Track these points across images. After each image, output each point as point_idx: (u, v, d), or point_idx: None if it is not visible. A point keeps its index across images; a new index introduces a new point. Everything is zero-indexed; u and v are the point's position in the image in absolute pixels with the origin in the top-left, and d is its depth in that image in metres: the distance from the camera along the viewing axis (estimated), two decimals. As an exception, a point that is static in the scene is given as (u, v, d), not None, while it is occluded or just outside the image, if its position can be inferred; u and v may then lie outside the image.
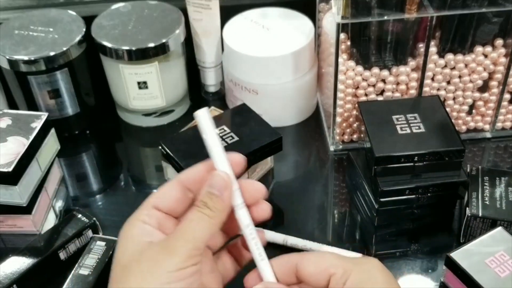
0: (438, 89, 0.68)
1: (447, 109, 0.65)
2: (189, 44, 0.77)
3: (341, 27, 0.62)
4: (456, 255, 0.51)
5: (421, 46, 0.64)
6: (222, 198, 0.39)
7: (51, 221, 0.64)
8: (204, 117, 0.40)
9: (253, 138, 0.62)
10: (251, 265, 0.43)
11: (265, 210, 0.42)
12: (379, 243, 0.60)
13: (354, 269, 0.39)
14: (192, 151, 0.59)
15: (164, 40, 0.70)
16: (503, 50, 0.65)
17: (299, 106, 0.75)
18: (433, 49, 0.64)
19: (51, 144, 0.65)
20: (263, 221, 0.42)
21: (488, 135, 0.72)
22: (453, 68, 0.66)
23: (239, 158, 0.41)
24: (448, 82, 0.67)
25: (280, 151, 0.64)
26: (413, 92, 0.67)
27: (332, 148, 0.71)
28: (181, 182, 0.41)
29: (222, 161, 0.40)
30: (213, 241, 0.43)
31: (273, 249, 0.58)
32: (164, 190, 0.41)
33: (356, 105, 0.65)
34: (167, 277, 0.36)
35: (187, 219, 0.38)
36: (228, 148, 0.61)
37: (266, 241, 0.43)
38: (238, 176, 0.41)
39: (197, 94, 0.81)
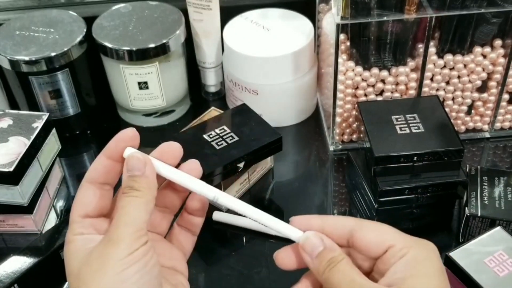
0: (437, 90, 0.68)
1: (446, 109, 0.65)
2: (189, 45, 0.77)
3: (341, 28, 0.62)
4: (455, 254, 0.51)
5: (420, 47, 0.64)
6: (145, 175, 0.38)
7: (52, 221, 0.64)
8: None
9: (253, 138, 0.62)
10: (210, 232, 0.42)
11: (195, 169, 0.41)
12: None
13: (414, 246, 0.38)
14: (192, 150, 0.59)
15: (164, 41, 0.70)
16: (502, 51, 0.65)
17: (299, 106, 0.75)
18: (432, 49, 0.64)
19: (52, 144, 0.65)
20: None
21: (487, 135, 0.72)
22: (452, 69, 0.66)
23: (130, 132, 0.41)
24: (447, 83, 0.67)
25: (280, 151, 0.64)
26: (412, 92, 0.67)
27: (331, 148, 0.72)
28: (92, 182, 0.40)
29: (130, 150, 0.40)
30: (158, 225, 0.43)
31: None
32: (82, 196, 0.40)
33: (356, 105, 0.66)
34: (120, 265, 0.36)
35: (120, 207, 0.38)
36: (228, 148, 0.61)
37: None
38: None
39: (197, 94, 0.81)
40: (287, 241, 0.40)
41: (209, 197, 0.40)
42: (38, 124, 0.62)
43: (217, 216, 0.62)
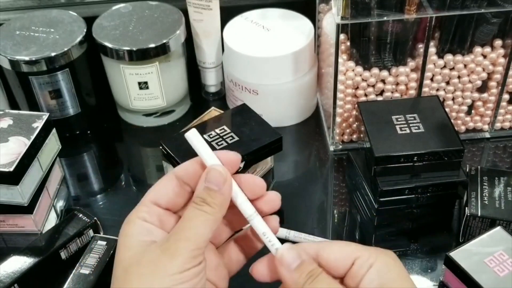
0: (437, 90, 0.68)
1: (446, 109, 0.65)
2: (189, 45, 0.77)
3: (341, 28, 0.62)
4: (456, 254, 0.51)
5: (421, 47, 0.64)
6: (221, 192, 0.38)
7: (52, 221, 0.64)
8: (194, 137, 0.40)
9: (253, 138, 0.62)
10: (258, 255, 0.42)
11: (274, 201, 0.41)
12: (378, 243, 0.60)
13: (379, 254, 0.38)
14: (192, 150, 0.59)
15: (164, 41, 0.70)
16: (502, 51, 0.65)
17: (299, 106, 0.75)
18: (432, 49, 0.64)
19: (52, 144, 0.65)
20: (274, 212, 0.41)
21: (487, 135, 0.72)
22: (452, 69, 0.66)
23: (233, 156, 0.40)
24: (447, 83, 0.67)
25: (280, 151, 0.64)
26: (412, 92, 0.67)
27: (332, 148, 0.72)
28: (178, 176, 0.40)
29: (214, 159, 0.39)
30: (217, 236, 0.42)
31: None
32: (162, 185, 0.40)
33: (356, 105, 0.66)
34: (170, 280, 0.35)
35: (186, 218, 0.37)
36: (228, 148, 0.61)
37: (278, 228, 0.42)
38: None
39: (197, 94, 0.81)
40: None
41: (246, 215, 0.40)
42: (38, 124, 0.62)
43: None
